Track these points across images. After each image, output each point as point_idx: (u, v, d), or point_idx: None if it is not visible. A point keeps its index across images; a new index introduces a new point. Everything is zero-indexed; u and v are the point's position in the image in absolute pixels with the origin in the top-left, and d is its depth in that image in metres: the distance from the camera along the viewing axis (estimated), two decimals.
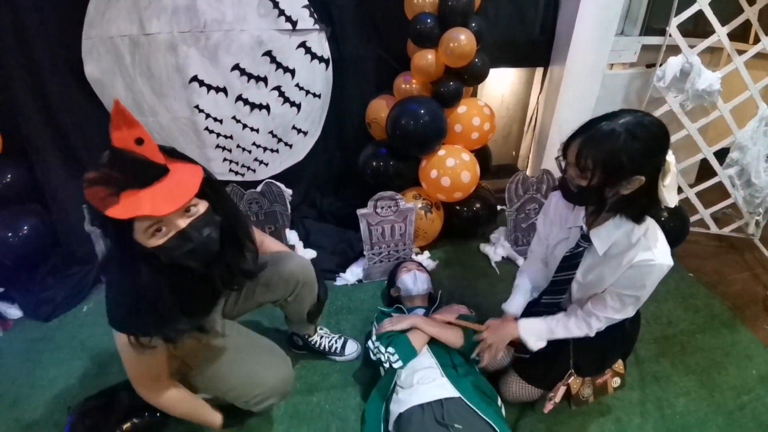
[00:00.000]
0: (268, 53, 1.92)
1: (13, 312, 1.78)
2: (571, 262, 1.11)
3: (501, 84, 2.41)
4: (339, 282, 1.90)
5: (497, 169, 2.40)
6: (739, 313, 1.73)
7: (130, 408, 1.22)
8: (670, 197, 0.92)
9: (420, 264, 1.79)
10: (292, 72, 1.99)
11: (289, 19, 1.87)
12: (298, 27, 1.89)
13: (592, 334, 1.11)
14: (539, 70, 2.25)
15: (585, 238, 1.06)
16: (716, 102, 1.79)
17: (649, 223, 1.01)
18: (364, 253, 1.85)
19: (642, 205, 0.96)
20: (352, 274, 1.91)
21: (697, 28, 1.96)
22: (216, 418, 1.12)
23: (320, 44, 1.96)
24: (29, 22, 1.68)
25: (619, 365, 1.27)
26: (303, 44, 1.94)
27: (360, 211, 1.73)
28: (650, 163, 0.90)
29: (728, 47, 1.72)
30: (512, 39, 2.05)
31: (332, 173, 2.31)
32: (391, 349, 1.29)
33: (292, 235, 2.03)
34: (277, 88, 2.02)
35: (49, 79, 1.81)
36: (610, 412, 1.34)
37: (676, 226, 1.87)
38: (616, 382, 1.26)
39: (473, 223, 2.06)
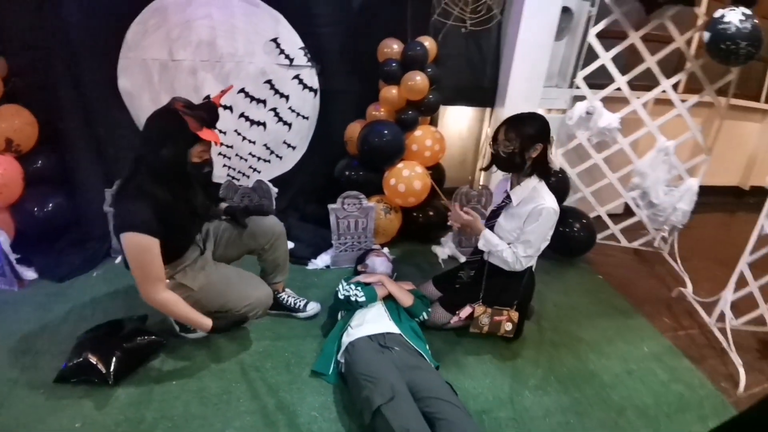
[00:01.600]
0: (269, 81, 2.42)
1: (30, 273, 2.07)
2: (496, 213, 1.68)
3: (459, 121, 2.93)
4: (310, 266, 2.27)
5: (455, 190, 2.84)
6: (639, 307, 2.10)
7: (133, 331, 1.55)
8: (555, 161, 1.53)
9: (386, 254, 2.17)
10: (287, 97, 2.48)
11: (287, 56, 2.38)
12: (294, 63, 2.40)
13: (513, 265, 1.59)
14: (488, 110, 2.78)
15: (508, 197, 1.64)
16: (616, 137, 2.28)
17: (542, 186, 1.58)
18: (333, 242, 2.24)
19: (542, 166, 1.56)
20: (322, 260, 2.28)
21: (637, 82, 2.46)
22: (207, 321, 1.44)
23: (311, 77, 2.47)
24: (77, 40, 2.14)
25: (514, 315, 1.66)
26: (297, 76, 2.45)
27: (330, 206, 2.15)
28: (544, 136, 1.53)
29: (627, 93, 2.23)
30: (464, 84, 2.59)
31: (316, 183, 2.73)
32: (359, 289, 1.67)
33: None
34: (274, 109, 2.50)
35: (88, 87, 2.26)
36: (509, 360, 1.69)
37: (584, 236, 2.31)
38: (508, 326, 1.66)
39: (426, 228, 2.48)
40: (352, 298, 1.66)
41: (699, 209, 2.79)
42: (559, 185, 2.28)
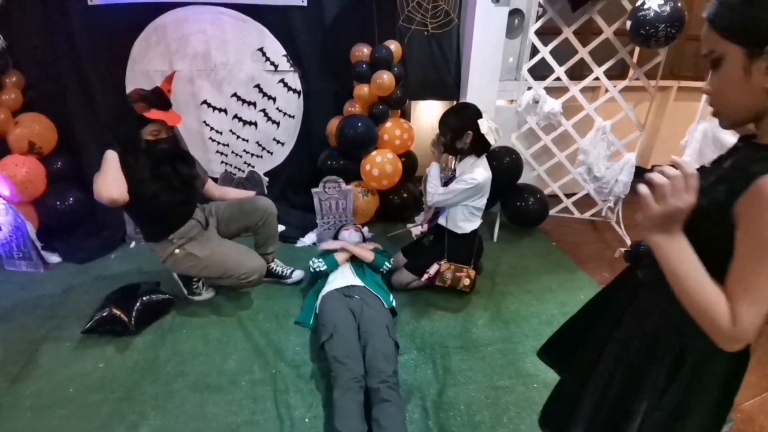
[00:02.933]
0: (257, 86, 2.76)
1: (54, 258, 2.41)
2: (446, 183, 2.01)
3: (430, 113, 3.26)
4: (299, 244, 2.59)
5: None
6: (583, 265, 2.41)
7: (148, 291, 1.88)
8: (490, 139, 1.86)
9: (358, 227, 2.48)
10: (274, 99, 2.82)
11: (272, 63, 2.72)
12: (279, 69, 2.74)
13: (430, 196, 1.99)
14: (454, 103, 3.10)
15: (452, 173, 2.03)
16: (560, 120, 2.60)
17: (480, 161, 1.92)
18: (317, 221, 2.56)
19: (479, 146, 1.90)
20: (309, 238, 2.61)
21: (574, 72, 2.77)
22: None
23: (294, 80, 2.81)
24: (86, 56, 2.50)
25: (471, 272, 1.97)
26: (282, 80, 2.79)
27: (313, 190, 2.47)
28: (470, 124, 1.86)
29: (566, 81, 2.55)
30: (430, 80, 2.92)
31: (302, 175, 3.05)
32: (320, 260, 1.98)
33: None
34: (263, 110, 2.84)
35: (99, 96, 2.61)
36: (463, 307, 2.01)
37: (538, 208, 2.62)
38: (467, 281, 1.97)
39: (401, 209, 2.80)
40: (317, 269, 1.98)
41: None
42: (513, 165, 2.60)
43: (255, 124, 2.87)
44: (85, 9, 2.43)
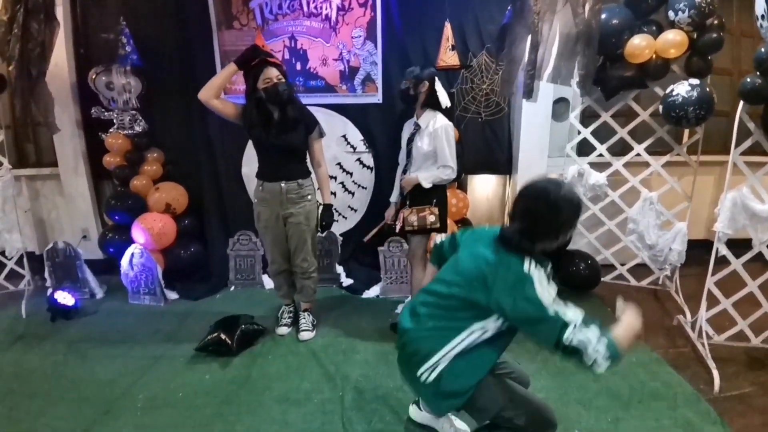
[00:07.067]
0: (339, 164, 3.39)
1: (173, 295, 3.02)
2: (411, 139, 2.36)
3: (485, 187, 3.64)
4: (365, 295, 2.97)
5: None
6: None
7: (246, 321, 2.35)
8: (443, 99, 2.24)
9: None
10: (351, 174, 3.42)
11: (352, 146, 3.37)
12: (356, 150, 3.37)
13: (444, 176, 2.23)
14: (508, 176, 3.47)
15: (417, 125, 2.32)
16: (605, 191, 2.81)
17: (437, 114, 2.27)
18: (381, 276, 2.94)
19: (433, 100, 2.26)
20: (373, 291, 2.98)
21: (625, 147, 3.02)
22: (231, 66, 2.15)
23: (368, 159, 3.41)
24: (215, 143, 3.30)
25: (434, 209, 2.25)
26: (358, 159, 3.41)
27: (379, 248, 2.89)
28: (426, 77, 2.25)
29: (608, 157, 2.81)
30: (485, 158, 3.35)
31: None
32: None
33: (339, 268, 3.21)
34: (342, 183, 3.44)
35: (222, 173, 3.38)
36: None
37: (589, 273, 2.75)
38: (432, 218, 2.23)
39: None
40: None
41: (722, 258, 3.05)
42: None
43: (334, 194, 3.46)
44: None
